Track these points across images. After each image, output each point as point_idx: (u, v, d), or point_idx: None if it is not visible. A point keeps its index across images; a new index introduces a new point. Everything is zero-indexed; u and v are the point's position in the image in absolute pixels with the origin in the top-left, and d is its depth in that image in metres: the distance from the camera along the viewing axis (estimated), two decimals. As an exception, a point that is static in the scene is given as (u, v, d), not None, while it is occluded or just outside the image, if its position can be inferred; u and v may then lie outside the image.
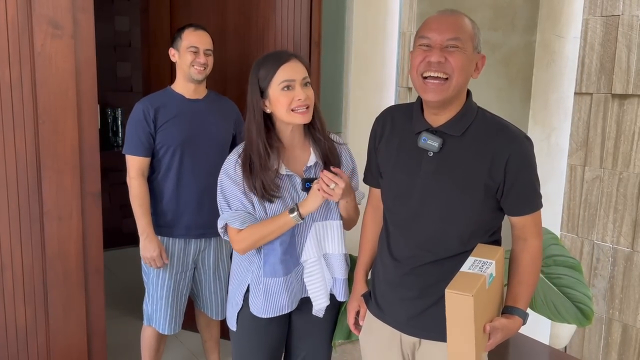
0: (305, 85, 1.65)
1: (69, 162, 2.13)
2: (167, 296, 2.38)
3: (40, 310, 2.17)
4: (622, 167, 2.93)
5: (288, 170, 1.69)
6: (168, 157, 2.31)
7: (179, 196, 2.34)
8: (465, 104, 1.43)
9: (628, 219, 2.92)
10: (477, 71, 1.42)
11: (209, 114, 2.36)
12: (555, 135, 2.23)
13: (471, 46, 1.38)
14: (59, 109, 2.09)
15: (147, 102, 2.30)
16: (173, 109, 2.31)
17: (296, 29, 2.73)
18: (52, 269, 2.17)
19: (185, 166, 2.32)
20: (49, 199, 2.12)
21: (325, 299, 1.74)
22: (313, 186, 1.62)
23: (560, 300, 1.93)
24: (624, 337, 2.99)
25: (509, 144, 1.36)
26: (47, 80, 2.05)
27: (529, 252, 1.45)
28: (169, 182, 2.33)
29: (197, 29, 2.33)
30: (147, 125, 2.27)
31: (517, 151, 1.36)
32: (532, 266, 1.45)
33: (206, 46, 2.31)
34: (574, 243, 3.15)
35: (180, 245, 2.37)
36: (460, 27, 1.38)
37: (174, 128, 2.29)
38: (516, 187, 1.39)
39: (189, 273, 2.44)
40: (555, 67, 2.15)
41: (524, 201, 1.41)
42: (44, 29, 2.03)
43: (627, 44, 2.86)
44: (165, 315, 2.40)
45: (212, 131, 2.34)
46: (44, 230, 2.13)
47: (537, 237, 1.46)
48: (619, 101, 2.93)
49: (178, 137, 2.29)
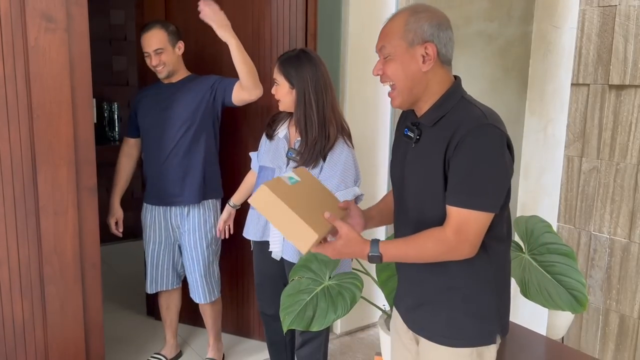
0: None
1: (64, 156, 2.13)
2: (155, 260, 2.69)
3: (37, 305, 2.17)
4: (619, 158, 2.92)
5: (285, 134, 2.24)
6: (143, 136, 2.65)
7: (148, 169, 2.65)
8: (444, 94, 1.40)
9: (625, 210, 2.92)
10: (426, 62, 1.37)
11: (178, 93, 2.55)
12: (552, 126, 2.22)
13: (403, 45, 1.38)
14: (53, 103, 2.08)
15: (139, 91, 2.69)
16: (150, 95, 2.62)
17: (292, 21, 2.71)
18: (49, 264, 2.16)
19: (148, 142, 2.61)
20: (45, 194, 2.11)
21: (278, 247, 2.18)
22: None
23: (553, 287, 1.93)
24: (621, 327, 3.00)
25: (463, 132, 1.31)
26: (41, 75, 2.04)
27: (434, 233, 1.35)
28: (145, 157, 2.67)
29: (145, 30, 2.48)
30: (134, 109, 2.66)
31: (467, 140, 1.30)
32: (425, 242, 1.36)
33: (154, 47, 2.46)
34: (571, 234, 3.15)
35: (159, 211, 2.64)
36: (386, 33, 1.41)
37: (143, 110, 2.61)
38: (453, 173, 1.32)
39: (174, 238, 2.68)
40: (552, 57, 2.14)
41: (454, 190, 1.32)
42: (38, 22, 2.01)
43: (624, 35, 2.85)
44: (149, 275, 2.71)
45: (176, 109, 2.53)
46: (39, 225, 2.12)
47: (455, 234, 1.32)
48: (616, 92, 2.92)
49: (144, 118, 2.60)
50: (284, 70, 2.16)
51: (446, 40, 1.38)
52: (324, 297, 1.88)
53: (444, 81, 1.40)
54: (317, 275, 1.94)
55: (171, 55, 2.51)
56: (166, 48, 2.48)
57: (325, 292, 1.90)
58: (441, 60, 1.39)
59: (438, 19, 1.38)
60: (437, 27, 1.37)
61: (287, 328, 1.89)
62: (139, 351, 3.00)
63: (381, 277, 2.03)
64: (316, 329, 1.85)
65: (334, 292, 1.89)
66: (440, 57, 1.38)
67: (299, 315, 1.85)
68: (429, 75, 1.38)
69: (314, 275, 1.94)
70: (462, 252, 1.35)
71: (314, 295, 1.89)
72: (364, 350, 3.04)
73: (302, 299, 1.88)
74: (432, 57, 1.36)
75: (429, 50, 1.36)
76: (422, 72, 1.38)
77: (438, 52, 1.37)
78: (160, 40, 2.47)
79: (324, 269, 1.95)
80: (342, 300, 1.86)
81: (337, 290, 1.88)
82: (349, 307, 1.85)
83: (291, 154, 2.16)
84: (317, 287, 1.91)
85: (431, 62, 1.37)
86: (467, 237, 1.33)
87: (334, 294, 1.88)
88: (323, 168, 2.13)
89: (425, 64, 1.37)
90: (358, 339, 3.17)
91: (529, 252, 1.99)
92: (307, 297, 1.88)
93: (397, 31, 1.38)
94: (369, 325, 3.27)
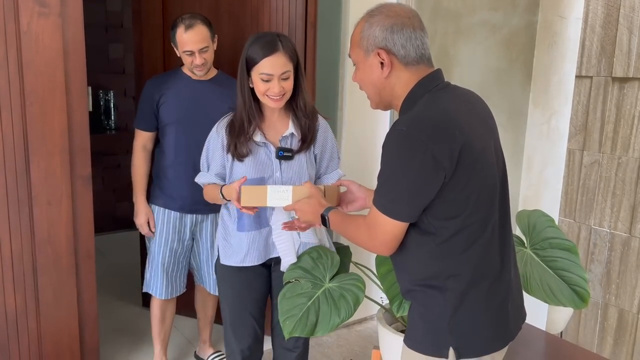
0: (284, 79, 1.82)
1: (58, 144, 2.08)
2: (164, 262, 2.47)
3: (30, 296, 2.14)
4: (621, 152, 2.89)
5: (263, 138, 1.91)
6: (166, 134, 2.41)
7: (175, 172, 2.41)
8: (405, 98, 1.35)
9: (626, 204, 2.89)
10: (384, 69, 1.32)
11: (211, 93, 2.39)
12: (556, 118, 2.19)
13: (361, 53, 1.35)
14: (46, 90, 2.03)
15: (155, 80, 2.42)
16: (176, 88, 2.39)
17: (291, 9, 2.66)
18: (42, 254, 2.13)
19: (179, 143, 2.38)
20: (38, 183, 2.07)
21: (292, 256, 1.94)
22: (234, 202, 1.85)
23: (555, 282, 1.90)
24: (620, 322, 2.99)
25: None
26: (34, 61, 1.99)
27: (361, 220, 1.39)
28: (167, 157, 2.42)
29: (189, 28, 2.25)
30: (152, 101, 2.38)
31: (383, 143, 1.29)
32: (357, 226, 1.40)
33: (200, 45, 2.27)
34: (571, 228, 3.12)
35: (176, 216, 2.45)
36: (351, 41, 1.39)
37: (172, 106, 2.37)
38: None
39: (187, 243, 2.51)
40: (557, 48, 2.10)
41: (377, 186, 1.32)
42: (30, 7, 1.96)
43: (628, 26, 2.80)
44: (161, 280, 2.48)
45: (210, 111, 2.29)
46: (32, 215, 2.08)
47: (367, 229, 1.35)
48: (619, 85, 2.88)
49: (174, 115, 2.37)
50: (292, 55, 1.84)
51: (403, 41, 1.31)
52: (326, 301, 1.83)
53: (408, 83, 1.34)
54: (316, 278, 1.89)
55: (212, 53, 2.36)
56: (210, 46, 2.32)
57: (326, 295, 1.84)
58: (403, 63, 1.32)
59: (391, 21, 1.31)
60: (390, 29, 1.30)
61: (290, 335, 1.80)
62: (134, 342, 2.97)
63: (380, 271, 1.99)
64: (321, 334, 1.79)
65: (336, 294, 1.83)
66: (400, 60, 1.32)
67: (302, 321, 1.78)
68: (392, 80, 1.34)
69: (312, 277, 1.89)
70: (375, 248, 1.36)
71: (315, 298, 1.83)
72: (361, 343, 3.01)
73: (302, 302, 1.82)
74: (387, 63, 1.32)
75: (382, 57, 1.32)
76: (383, 78, 1.34)
77: (395, 55, 1.31)
78: (205, 38, 2.28)
79: (323, 271, 1.90)
80: (345, 303, 1.80)
81: (339, 293, 1.83)
82: (352, 309, 1.80)
83: (282, 153, 1.91)
84: (318, 290, 1.85)
85: (388, 68, 1.32)
86: (377, 235, 1.33)
87: (336, 297, 1.83)
88: (313, 152, 1.99)
89: (383, 71, 1.33)
90: (355, 331, 3.15)
91: (531, 247, 1.96)
92: (307, 301, 1.82)
93: (356, 39, 1.36)
94: (366, 317, 3.25)
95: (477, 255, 1.31)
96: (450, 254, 1.30)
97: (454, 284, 1.31)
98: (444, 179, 1.23)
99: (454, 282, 1.31)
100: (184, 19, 2.27)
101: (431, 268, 1.32)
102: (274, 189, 1.76)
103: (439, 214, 1.28)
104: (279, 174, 1.92)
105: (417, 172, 1.23)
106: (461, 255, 1.30)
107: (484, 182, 1.30)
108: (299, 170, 1.94)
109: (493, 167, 1.34)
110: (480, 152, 1.28)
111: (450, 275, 1.31)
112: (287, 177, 1.92)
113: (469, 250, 1.30)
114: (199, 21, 2.27)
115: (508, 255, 1.39)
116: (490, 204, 1.32)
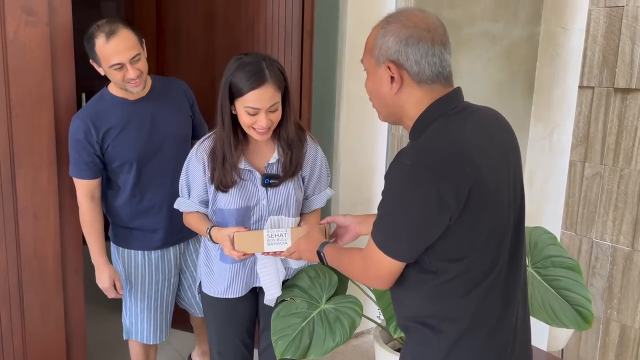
0: (272, 111, 1.71)
1: (45, 157, 2.02)
2: (150, 308, 2.20)
3: (16, 312, 2.07)
4: (624, 164, 2.84)
5: (248, 165, 1.80)
6: (124, 175, 2.06)
7: (147, 211, 2.11)
8: (417, 119, 1.21)
9: (628, 217, 2.84)
10: (394, 84, 1.19)
11: (160, 112, 2.06)
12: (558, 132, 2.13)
13: (372, 62, 1.23)
14: (34, 101, 1.97)
15: (86, 118, 1.96)
16: (117, 120, 2.00)
17: (287, 17, 2.61)
18: (28, 269, 2.06)
19: (144, 180, 2.08)
20: (24, 196, 2.01)
21: (276, 289, 1.85)
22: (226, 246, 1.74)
23: (558, 303, 1.85)
24: (622, 337, 2.92)
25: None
26: (21, 70, 1.93)
27: (356, 253, 1.32)
28: (132, 198, 2.09)
29: (111, 35, 1.86)
30: (90, 146, 1.97)
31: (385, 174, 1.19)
32: (351, 258, 1.34)
33: (130, 54, 1.88)
34: (572, 241, 3.06)
35: (157, 255, 2.19)
36: (364, 46, 1.25)
37: (122, 146, 2.01)
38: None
39: (174, 279, 2.27)
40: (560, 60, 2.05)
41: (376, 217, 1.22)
42: (17, 15, 1.90)
43: (631, 37, 2.75)
44: (148, 326, 2.22)
45: (169, 132, 2.07)
46: (18, 229, 2.02)
47: (362, 261, 1.27)
48: (622, 95, 2.83)
49: (128, 155, 2.02)
50: (280, 84, 1.71)
51: (418, 56, 1.16)
52: (321, 322, 1.77)
53: (420, 103, 1.20)
54: (312, 298, 1.83)
55: (145, 60, 1.96)
56: (141, 52, 1.93)
57: (322, 316, 1.78)
58: (416, 80, 1.19)
59: (407, 32, 1.16)
60: (405, 42, 1.16)
61: (281, 356, 1.74)
62: (124, 358, 2.90)
63: (377, 291, 1.94)
64: (313, 357, 1.73)
65: (332, 316, 1.77)
66: (413, 76, 1.18)
67: (294, 342, 1.72)
68: (402, 97, 1.21)
69: (308, 297, 1.83)
70: (371, 283, 1.30)
71: (310, 319, 1.77)
72: (357, 358, 2.95)
73: (296, 323, 1.76)
74: (398, 79, 1.19)
75: (393, 71, 1.18)
76: (392, 94, 1.21)
77: (407, 71, 1.18)
78: (134, 43, 1.89)
79: (320, 291, 1.84)
80: (340, 326, 1.74)
81: (334, 315, 1.77)
82: (348, 334, 1.74)
83: (268, 180, 1.79)
84: (314, 310, 1.79)
85: (398, 84, 1.19)
86: (373, 270, 1.24)
87: (331, 319, 1.76)
88: (301, 174, 1.89)
89: (393, 86, 1.20)
90: (352, 346, 3.08)
91: (533, 265, 1.91)
92: (302, 321, 1.76)
93: (369, 46, 1.23)
94: (363, 332, 3.19)
95: (479, 299, 1.20)
96: (449, 296, 1.20)
97: (450, 328, 1.21)
98: (449, 220, 1.12)
99: (450, 325, 1.21)
100: (100, 27, 1.87)
101: (428, 308, 1.23)
102: (270, 233, 1.68)
103: (441, 254, 1.18)
104: (265, 202, 1.82)
105: (419, 211, 1.12)
106: (461, 299, 1.20)
107: (495, 224, 1.19)
108: (286, 197, 1.83)
109: (508, 206, 1.22)
110: (494, 191, 1.17)
111: (447, 318, 1.21)
112: (274, 205, 1.83)
113: (470, 294, 1.20)
114: (121, 25, 1.89)
115: (514, 296, 1.28)
116: (500, 246, 1.21)
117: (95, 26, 1.89)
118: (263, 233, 1.69)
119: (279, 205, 1.83)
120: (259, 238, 1.68)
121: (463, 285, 1.19)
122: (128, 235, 2.15)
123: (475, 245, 1.17)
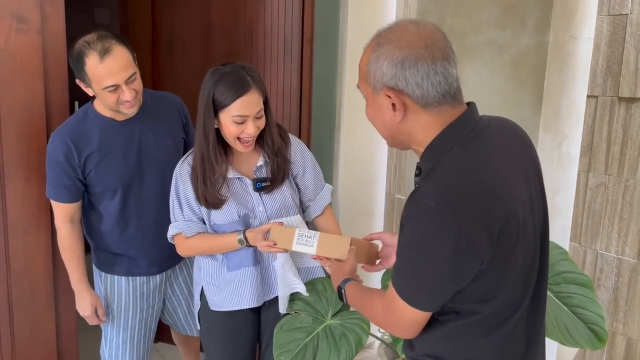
0: (258, 117, 1.70)
1: (36, 170, 1.94)
2: (132, 338, 2.07)
3: (5, 331, 1.99)
4: (629, 174, 2.79)
5: (237, 174, 1.77)
6: (107, 200, 1.92)
7: (131, 237, 1.98)
8: (429, 145, 1.10)
9: (634, 229, 2.79)
10: (397, 112, 1.08)
11: (149, 135, 1.92)
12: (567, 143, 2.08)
13: (369, 89, 1.10)
14: (24, 112, 1.90)
15: (66, 138, 1.80)
16: (101, 143, 1.84)
17: (287, 25, 2.55)
18: (18, 287, 1.98)
19: (130, 206, 1.94)
20: (14, 211, 1.93)
21: (299, 284, 1.79)
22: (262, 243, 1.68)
23: (572, 322, 1.78)
24: (628, 351, 2.87)
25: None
26: (11, 80, 1.86)
27: (377, 297, 1.21)
28: (116, 225, 1.96)
29: (106, 54, 1.69)
30: (72, 169, 1.82)
31: (403, 214, 1.08)
32: (372, 301, 1.22)
33: (127, 74, 1.73)
34: (576, 252, 3.01)
35: (142, 281, 2.06)
36: (358, 70, 1.13)
37: (108, 170, 1.86)
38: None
39: (158, 305, 2.15)
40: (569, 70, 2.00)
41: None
42: (8, 23, 1.83)
43: (635, 45, 2.71)
44: (130, 356, 2.08)
45: (158, 157, 1.94)
46: (8, 245, 1.94)
47: (383, 309, 1.15)
48: (626, 105, 2.78)
49: (115, 179, 1.88)
50: (263, 89, 1.70)
51: (418, 78, 1.04)
52: (326, 338, 1.70)
53: (429, 127, 1.08)
54: (318, 312, 1.77)
55: (140, 79, 1.81)
56: (137, 71, 1.78)
57: (327, 332, 1.71)
58: (421, 104, 1.06)
59: (402, 53, 1.04)
60: (401, 65, 1.04)
61: None
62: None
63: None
64: None
65: (337, 333, 1.71)
66: (416, 101, 1.06)
67: (297, 358, 1.66)
68: (408, 124, 1.09)
69: (313, 311, 1.76)
70: (394, 332, 1.19)
71: (315, 335, 1.70)
72: (359, 374, 2.87)
73: (300, 338, 1.69)
74: (400, 106, 1.07)
75: (393, 99, 1.07)
76: (397, 122, 1.09)
77: (409, 96, 1.06)
78: (130, 62, 1.75)
79: (326, 306, 1.77)
80: (346, 343, 1.67)
81: (340, 332, 1.70)
82: (353, 352, 1.67)
83: (260, 184, 1.76)
84: (318, 326, 1.73)
85: (401, 113, 1.07)
86: (394, 319, 1.12)
87: (337, 336, 1.70)
88: (294, 175, 1.86)
89: (396, 114, 1.08)
90: (352, 361, 3.01)
91: (544, 282, 1.85)
92: (306, 336, 1.70)
93: (362, 71, 1.11)
94: (365, 346, 3.11)
95: (503, 339, 1.11)
96: (472, 336, 1.10)
97: None
98: (480, 265, 1.02)
99: None
100: (91, 44, 1.69)
101: (446, 347, 1.13)
102: (301, 233, 1.64)
103: (465, 298, 1.07)
104: (262, 208, 1.78)
105: (448, 259, 1.00)
106: (484, 339, 1.10)
107: (524, 257, 1.09)
108: (283, 202, 1.81)
109: (534, 236, 1.12)
110: (523, 222, 1.06)
111: (467, 358, 1.12)
112: (272, 211, 1.79)
113: (495, 334, 1.10)
114: (114, 41, 1.72)
115: (538, 333, 1.19)
116: (527, 282, 1.12)
117: (83, 43, 1.71)
118: (295, 231, 1.65)
119: (277, 210, 1.80)
120: (290, 235, 1.65)
121: (487, 325, 1.10)
122: (112, 260, 2.03)
123: (504, 285, 1.07)
